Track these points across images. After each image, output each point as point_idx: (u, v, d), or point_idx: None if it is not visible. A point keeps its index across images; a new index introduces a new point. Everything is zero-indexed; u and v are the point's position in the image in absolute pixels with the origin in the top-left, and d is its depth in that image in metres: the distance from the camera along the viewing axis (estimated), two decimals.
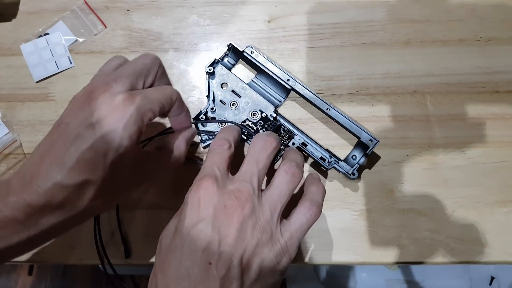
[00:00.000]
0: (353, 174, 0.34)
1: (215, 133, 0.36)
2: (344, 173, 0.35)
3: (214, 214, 0.24)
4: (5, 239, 0.24)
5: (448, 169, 0.36)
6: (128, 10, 0.41)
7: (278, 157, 0.36)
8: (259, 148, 0.28)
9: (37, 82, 0.39)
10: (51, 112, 0.38)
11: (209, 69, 0.37)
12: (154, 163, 0.30)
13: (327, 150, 0.36)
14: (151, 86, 0.28)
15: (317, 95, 0.36)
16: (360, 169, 0.36)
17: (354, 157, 0.35)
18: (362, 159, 0.35)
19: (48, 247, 0.35)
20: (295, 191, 0.28)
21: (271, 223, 0.25)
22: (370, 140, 0.34)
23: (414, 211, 0.35)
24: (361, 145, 0.35)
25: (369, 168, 0.36)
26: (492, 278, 0.81)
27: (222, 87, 0.37)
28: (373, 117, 0.38)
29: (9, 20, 0.41)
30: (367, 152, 0.34)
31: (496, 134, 0.37)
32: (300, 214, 0.27)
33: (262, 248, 0.24)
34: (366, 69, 0.39)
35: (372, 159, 0.36)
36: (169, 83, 0.31)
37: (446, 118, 0.38)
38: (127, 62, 0.28)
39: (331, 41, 0.40)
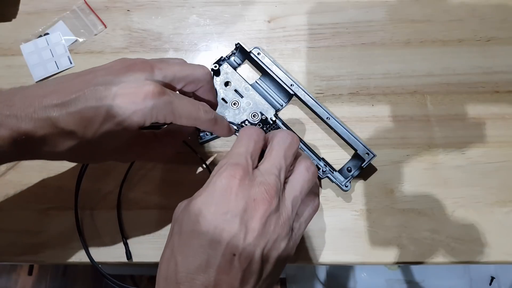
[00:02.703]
0: (346, 186, 0.34)
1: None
2: (337, 184, 0.35)
3: (244, 208, 0.24)
4: None
5: (448, 169, 0.36)
6: (128, 10, 0.41)
7: None
8: (287, 145, 0.28)
9: (37, 82, 0.39)
10: None
11: (214, 66, 0.37)
12: (145, 149, 0.31)
13: (322, 159, 0.36)
14: (188, 93, 0.30)
15: (318, 102, 0.36)
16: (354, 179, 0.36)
17: (349, 169, 0.35)
18: (357, 172, 0.35)
19: (48, 247, 0.35)
20: None
21: (291, 218, 0.25)
22: (366, 153, 0.34)
23: (414, 211, 0.35)
24: (357, 157, 0.35)
25: (364, 180, 0.36)
26: (492, 278, 0.81)
27: (225, 86, 0.37)
28: (373, 117, 0.38)
29: (9, 20, 0.41)
30: (362, 165, 0.34)
31: (496, 134, 0.37)
32: (308, 206, 0.28)
33: (280, 242, 0.25)
34: (366, 69, 0.39)
35: (368, 170, 0.36)
36: (214, 99, 0.32)
37: (446, 118, 0.38)
38: (183, 61, 0.30)
39: (331, 41, 0.40)
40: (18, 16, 0.41)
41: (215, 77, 0.37)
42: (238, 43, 0.38)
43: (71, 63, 0.40)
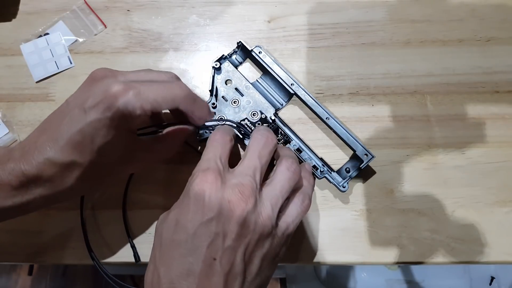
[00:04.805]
0: (343, 187, 0.34)
1: (212, 127, 0.36)
2: (334, 185, 0.34)
3: (219, 210, 0.24)
4: (0, 201, 0.26)
5: (448, 169, 0.36)
6: (128, 10, 0.41)
7: None
8: (262, 144, 0.28)
9: (37, 82, 0.39)
10: (51, 112, 0.38)
11: (216, 64, 0.37)
12: (148, 153, 0.31)
13: (321, 159, 0.36)
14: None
15: (318, 102, 0.36)
16: (354, 179, 0.36)
17: (347, 169, 0.35)
18: (355, 173, 0.34)
19: (48, 247, 0.35)
20: None
21: (272, 218, 0.25)
22: (365, 154, 0.34)
23: (414, 211, 0.35)
24: (356, 158, 0.35)
25: (363, 183, 0.36)
26: (492, 278, 0.81)
27: (226, 84, 0.37)
28: (373, 117, 0.38)
29: (9, 20, 0.41)
30: (361, 166, 0.34)
31: (496, 134, 0.37)
32: (296, 205, 0.28)
33: (263, 242, 0.25)
34: (366, 69, 0.39)
35: (367, 172, 0.36)
36: (201, 107, 0.31)
37: (446, 118, 0.38)
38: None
39: (331, 41, 0.40)
40: (18, 16, 0.41)
41: (216, 75, 0.37)
42: (240, 41, 0.38)
43: (71, 63, 0.40)
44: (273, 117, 0.36)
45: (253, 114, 0.36)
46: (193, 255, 0.23)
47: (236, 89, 0.37)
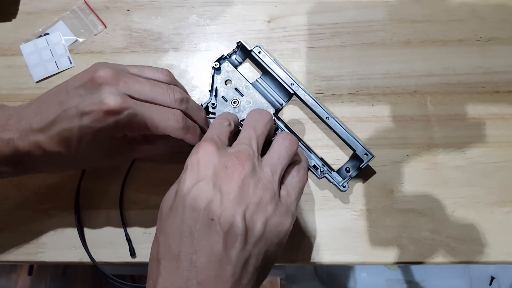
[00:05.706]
0: (343, 186, 0.34)
1: None
2: (334, 185, 0.34)
3: (215, 173, 0.24)
4: None
5: (448, 169, 0.36)
6: (128, 10, 0.41)
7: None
8: (256, 117, 0.29)
9: (37, 82, 0.39)
10: None
11: (215, 65, 0.37)
12: (135, 152, 0.32)
13: (321, 159, 0.36)
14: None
15: (318, 102, 0.36)
16: (354, 179, 0.36)
17: (347, 169, 0.35)
18: (355, 173, 0.34)
19: (48, 247, 0.35)
20: None
21: (272, 182, 0.25)
22: (365, 154, 0.34)
23: (414, 211, 0.35)
24: (356, 158, 0.35)
25: (363, 183, 0.36)
26: (492, 278, 0.82)
27: (226, 84, 0.37)
28: (373, 117, 0.38)
29: (9, 20, 0.41)
30: (361, 166, 0.34)
31: (496, 134, 0.37)
32: (292, 176, 0.28)
33: (266, 206, 0.24)
34: (366, 69, 0.39)
35: (367, 172, 0.36)
36: (197, 120, 0.32)
37: (446, 118, 0.38)
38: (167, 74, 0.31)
39: (331, 41, 0.40)
40: (18, 16, 0.41)
41: (216, 75, 0.37)
42: (240, 41, 0.38)
43: (71, 63, 0.40)
44: (273, 117, 0.36)
45: None
46: (191, 218, 0.23)
47: (236, 89, 0.37)
